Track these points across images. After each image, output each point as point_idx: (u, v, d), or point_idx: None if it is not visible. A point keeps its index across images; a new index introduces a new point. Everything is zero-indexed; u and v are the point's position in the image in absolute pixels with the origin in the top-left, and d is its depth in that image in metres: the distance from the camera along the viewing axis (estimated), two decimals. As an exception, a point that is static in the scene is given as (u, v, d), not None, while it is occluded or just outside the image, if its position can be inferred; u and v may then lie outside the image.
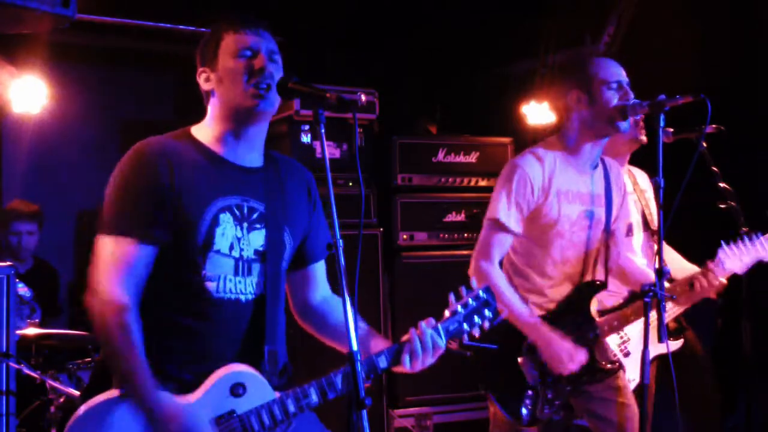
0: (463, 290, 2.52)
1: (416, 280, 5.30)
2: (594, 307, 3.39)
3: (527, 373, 3.28)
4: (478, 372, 3.38)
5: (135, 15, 5.42)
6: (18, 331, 4.09)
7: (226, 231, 2.38)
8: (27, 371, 3.97)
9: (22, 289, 5.05)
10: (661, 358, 3.83)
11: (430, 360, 2.42)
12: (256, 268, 2.43)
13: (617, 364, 3.37)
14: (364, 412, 2.10)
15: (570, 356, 3.21)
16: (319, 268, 2.68)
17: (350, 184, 5.19)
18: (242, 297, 2.40)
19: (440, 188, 5.56)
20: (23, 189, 5.72)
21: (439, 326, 2.46)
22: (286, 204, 2.52)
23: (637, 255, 3.94)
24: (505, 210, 3.28)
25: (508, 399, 3.29)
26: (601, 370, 3.34)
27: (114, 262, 2.30)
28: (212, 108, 2.48)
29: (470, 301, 2.51)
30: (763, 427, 4.53)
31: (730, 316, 4.93)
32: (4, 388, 3.70)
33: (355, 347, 2.13)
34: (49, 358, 4.57)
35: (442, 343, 2.43)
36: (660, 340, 3.04)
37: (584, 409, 3.39)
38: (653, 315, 3.09)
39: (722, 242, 3.43)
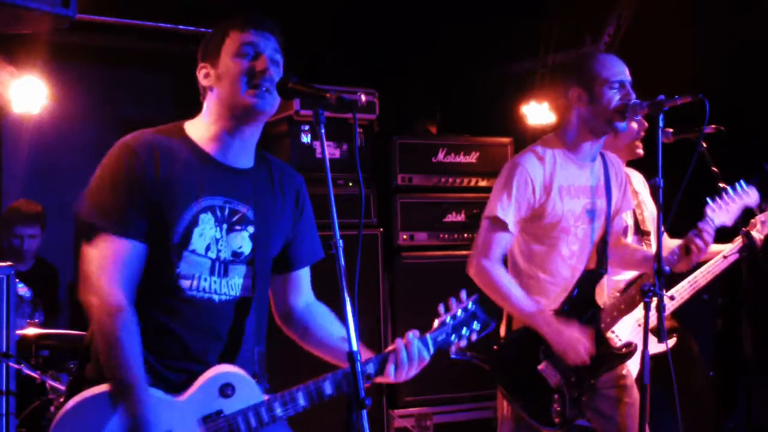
0: (452, 302, 2.52)
1: (416, 280, 5.30)
2: (598, 296, 3.40)
3: (549, 377, 3.28)
4: (500, 382, 3.38)
5: (135, 15, 5.42)
6: (18, 331, 4.09)
7: (205, 231, 2.37)
8: (27, 371, 3.97)
9: (22, 290, 5.05)
10: (654, 358, 3.83)
11: (414, 371, 2.41)
12: (234, 269, 2.42)
13: (633, 346, 3.36)
14: (364, 412, 2.10)
15: (581, 344, 3.22)
16: (304, 275, 2.65)
17: (350, 184, 5.19)
18: (215, 297, 2.39)
19: (440, 188, 5.56)
20: (23, 189, 5.72)
21: (428, 337, 2.45)
22: (275, 207, 2.51)
23: None
24: (505, 208, 3.28)
25: (535, 406, 3.29)
26: (618, 356, 3.33)
27: (110, 261, 2.29)
28: (209, 104, 2.46)
29: (459, 312, 2.51)
30: (763, 427, 4.53)
31: (730, 316, 4.94)
32: (4, 388, 3.69)
33: (355, 347, 2.13)
34: (49, 358, 4.57)
35: (427, 354, 2.42)
36: (660, 340, 3.04)
37: (590, 407, 3.38)
38: (650, 314, 3.09)
39: (707, 199, 3.47)
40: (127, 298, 2.30)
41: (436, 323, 2.48)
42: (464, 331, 2.50)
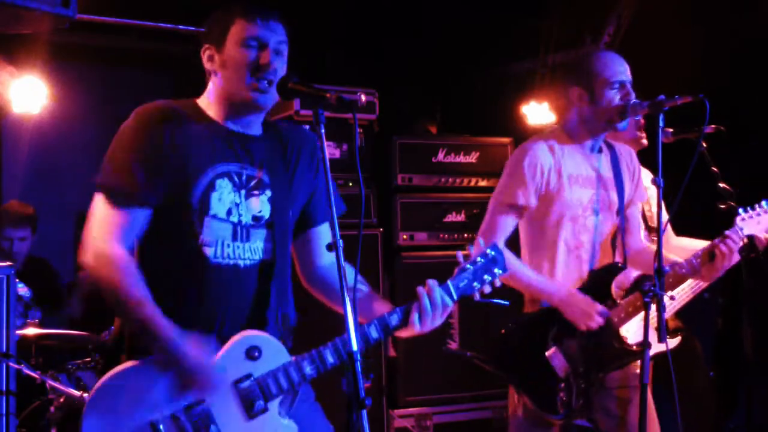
0: (470, 248, 2.50)
1: (416, 280, 5.21)
2: (614, 291, 3.36)
3: (557, 365, 3.24)
4: (506, 371, 3.35)
5: (135, 15, 5.42)
6: (18, 331, 4.09)
7: (223, 196, 2.41)
8: (27, 371, 3.97)
9: (22, 290, 5.04)
10: (657, 358, 3.84)
11: (439, 320, 2.42)
12: (255, 233, 2.45)
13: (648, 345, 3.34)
14: (364, 412, 2.10)
15: (593, 308, 3.19)
16: (324, 232, 2.65)
17: (350, 184, 5.18)
18: (240, 263, 2.42)
19: (440, 188, 5.56)
20: (23, 189, 5.72)
21: (449, 283, 2.46)
22: (288, 170, 2.55)
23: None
24: (515, 191, 3.25)
25: (541, 395, 3.25)
26: (630, 353, 3.29)
27: (108, 223, 2.35)
28: (213, 87, 2.52)
29: (479, 258, 2.48)
30: (764, 427, 4.53)
31: (731, 316, 4.94)
32: (4, 388, 3.69)
33: (355, 347, 2.13)
34: (49, 358, 4.57)
35: (450, 301, 2.42)
36: (660, 339, 3.03)
37: (601, 406, 3.33)
38: (652, 314, 3.08)
39: (739, 209, 3.39)
40: (125, 249, 2.34)
41: (456, 270, 2.47)
42: (486, 276, 2.47)
